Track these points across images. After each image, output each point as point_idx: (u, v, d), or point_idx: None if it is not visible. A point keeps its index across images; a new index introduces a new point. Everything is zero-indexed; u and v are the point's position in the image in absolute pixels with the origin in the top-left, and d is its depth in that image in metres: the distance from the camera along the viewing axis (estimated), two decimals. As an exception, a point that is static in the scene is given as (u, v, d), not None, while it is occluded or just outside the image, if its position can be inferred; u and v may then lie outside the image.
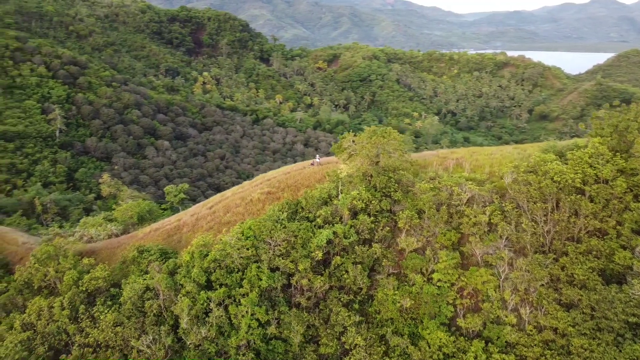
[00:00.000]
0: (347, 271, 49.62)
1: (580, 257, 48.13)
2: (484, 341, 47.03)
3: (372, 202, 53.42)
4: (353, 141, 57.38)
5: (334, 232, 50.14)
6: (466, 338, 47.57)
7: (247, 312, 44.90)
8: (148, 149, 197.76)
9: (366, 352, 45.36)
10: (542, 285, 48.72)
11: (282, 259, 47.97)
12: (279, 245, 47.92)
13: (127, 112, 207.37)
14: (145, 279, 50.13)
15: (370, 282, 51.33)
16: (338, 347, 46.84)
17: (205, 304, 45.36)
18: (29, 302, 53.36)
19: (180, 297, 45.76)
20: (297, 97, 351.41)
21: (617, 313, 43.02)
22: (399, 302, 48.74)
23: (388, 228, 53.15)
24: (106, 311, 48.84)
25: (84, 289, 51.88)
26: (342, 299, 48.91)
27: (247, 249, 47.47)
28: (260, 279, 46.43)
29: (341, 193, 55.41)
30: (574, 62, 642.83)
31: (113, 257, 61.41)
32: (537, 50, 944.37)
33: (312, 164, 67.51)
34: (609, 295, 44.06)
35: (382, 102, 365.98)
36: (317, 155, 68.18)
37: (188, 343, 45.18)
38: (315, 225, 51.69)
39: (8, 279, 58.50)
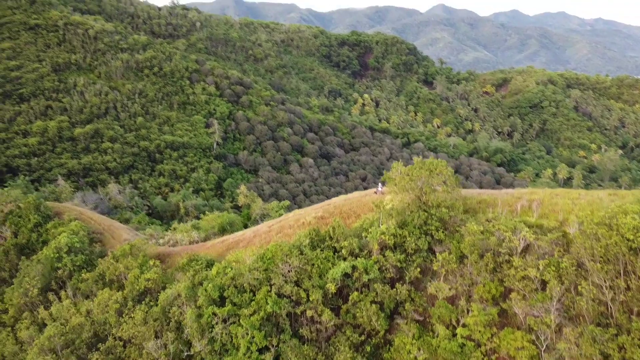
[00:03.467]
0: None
1: (646, 339, 37.95)
2: (500, 418, 39.82)
3: (408, 239, 49.32)
4: (401, 172, 53.85)
5: (354, 266, 47.47)
6: (479, 410, 40.78)
7: (247, 333, 44.96)
8: (293, 165, 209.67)
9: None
10: (591, 365, 39.53)
11: (293, 286, 47.00)
12: (291, 271, 47.08)
13: (279, 130, 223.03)
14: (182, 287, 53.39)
15: (390, 326, 47.32)
16: (336, 389, 44.02)
17: (210, 318, 46.66)
18: (99, 292, 60.69)
19: (189, 308, 47.87)
20: (456, 122, 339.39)
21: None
22: (412, 354, 44.03)
23: (419, 269, 48.44)
24: (145, 310, 53.22)
25: (137, 287, 57.30)
26: (352, 339, 45.90)
27: (259, 271, 47.61)
28: (267, 303, 46.12)
29: (380, 225, 52.29)
30: None
31: (180, 262, 66.54)
32: None
33: (375, 192, 64.95)
34: (661, 395, 33.89)
35: (553, 131, 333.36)
36: (380, 184, 65.25)
37: (194, 353, 46.92)
38: (339, 257, 49.59)
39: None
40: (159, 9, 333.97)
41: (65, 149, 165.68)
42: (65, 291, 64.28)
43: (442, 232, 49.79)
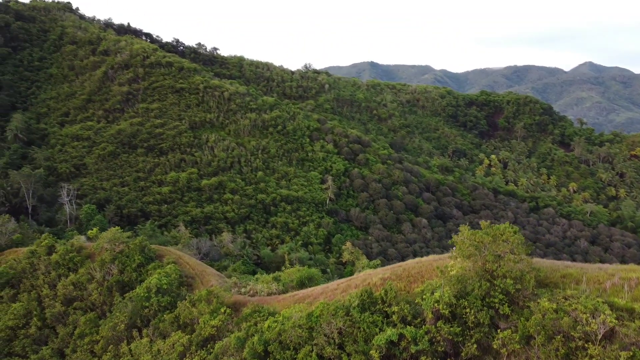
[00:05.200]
0: (407, 384, 42.66)
1: None
2: None
3: (467, 310, 44.84)
4: (465, 237, 49.79)
5: (401, 334, 44.11)
6: None
7: (283, 393, 43.60)
8: (405, 224, 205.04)
9: None
10: None
11: (336, 348, 44.87)
12: (334, 332, 45.12)
13: (394, 188, 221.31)
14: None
15: (438, 407, 42.54)
16: None
17: (250, 372, 46.17)
18: (173, 333, 63.80)
19: (234, 359, 47.85)
20: (597, 187, 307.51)
21: None
22: None
23: (476, 346, 43.40)
24: (203, 356, 54.58)
25: (203, 333, 59.21)
26: (393, 415, 42.08)
27: (302, 329, 46.36)
28: (307, 364, 44.52)
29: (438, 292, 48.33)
30: None
31: (251, 313, 67.47)
32: None
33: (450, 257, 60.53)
34: None
35: None
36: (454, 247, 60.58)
37: (234, 407, 46.54)
38: (389, 322, 46.51)
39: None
40: (292, 72, 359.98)
41: (191, 198, 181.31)
42: (147, 329, 68.52)
43: (508, 306, 44.43)
